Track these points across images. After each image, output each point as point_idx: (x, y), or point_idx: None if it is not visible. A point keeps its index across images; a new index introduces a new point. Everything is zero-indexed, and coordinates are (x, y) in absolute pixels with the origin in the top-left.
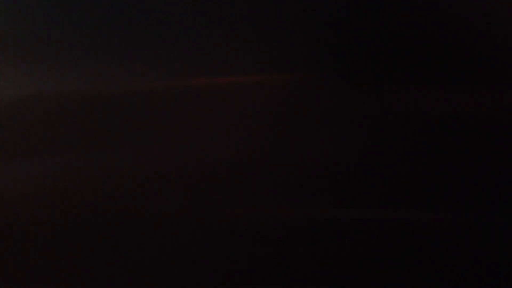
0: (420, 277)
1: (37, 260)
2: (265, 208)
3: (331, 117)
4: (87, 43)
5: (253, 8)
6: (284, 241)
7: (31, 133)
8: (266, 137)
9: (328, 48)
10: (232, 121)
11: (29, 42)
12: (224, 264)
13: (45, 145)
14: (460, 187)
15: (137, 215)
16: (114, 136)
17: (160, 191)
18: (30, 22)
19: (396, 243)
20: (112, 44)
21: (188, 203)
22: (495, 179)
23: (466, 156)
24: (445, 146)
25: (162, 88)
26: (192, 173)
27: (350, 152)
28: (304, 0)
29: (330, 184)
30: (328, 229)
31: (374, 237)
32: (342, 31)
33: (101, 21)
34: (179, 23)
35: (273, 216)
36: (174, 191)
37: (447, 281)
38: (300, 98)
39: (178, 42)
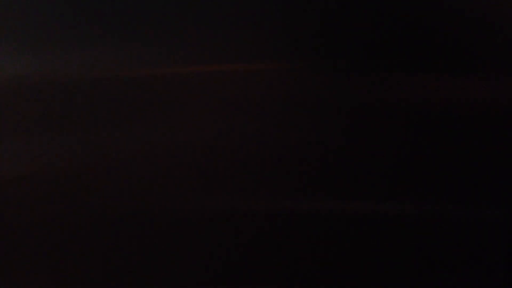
0: (418, 272)
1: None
2: (261, 202)
3: (326, 108)
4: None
5: None
6: (282, 235)
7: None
8: (257, 128)
9: (320, 37)
10: (222, 111)
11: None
12: (221, 262)
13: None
14: (459, 181)
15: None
16: (107, 127)
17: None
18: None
19: (394, 237)
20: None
21: (180, 198)
22: (495, 173)
23: (465, 148)
24: (443, 138)
25: (150, 77)
26: (183, 166)
27: (346, 144)
28: None
29: (327, 177)
30: (325, 223)
31: (373, 231)
32: (335, 19)
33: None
34: (169, 10)
35: (268, 210)
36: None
37: (445, 276)
38: (293, 88)
39: (168, 29)
